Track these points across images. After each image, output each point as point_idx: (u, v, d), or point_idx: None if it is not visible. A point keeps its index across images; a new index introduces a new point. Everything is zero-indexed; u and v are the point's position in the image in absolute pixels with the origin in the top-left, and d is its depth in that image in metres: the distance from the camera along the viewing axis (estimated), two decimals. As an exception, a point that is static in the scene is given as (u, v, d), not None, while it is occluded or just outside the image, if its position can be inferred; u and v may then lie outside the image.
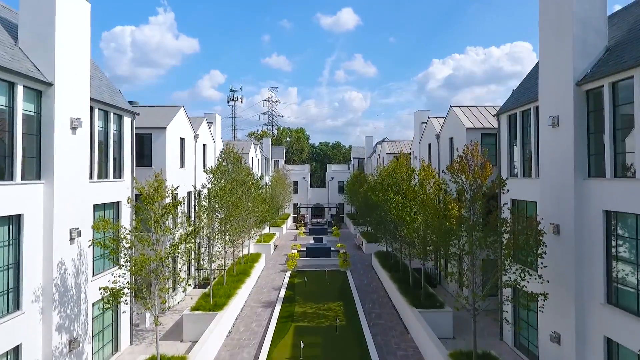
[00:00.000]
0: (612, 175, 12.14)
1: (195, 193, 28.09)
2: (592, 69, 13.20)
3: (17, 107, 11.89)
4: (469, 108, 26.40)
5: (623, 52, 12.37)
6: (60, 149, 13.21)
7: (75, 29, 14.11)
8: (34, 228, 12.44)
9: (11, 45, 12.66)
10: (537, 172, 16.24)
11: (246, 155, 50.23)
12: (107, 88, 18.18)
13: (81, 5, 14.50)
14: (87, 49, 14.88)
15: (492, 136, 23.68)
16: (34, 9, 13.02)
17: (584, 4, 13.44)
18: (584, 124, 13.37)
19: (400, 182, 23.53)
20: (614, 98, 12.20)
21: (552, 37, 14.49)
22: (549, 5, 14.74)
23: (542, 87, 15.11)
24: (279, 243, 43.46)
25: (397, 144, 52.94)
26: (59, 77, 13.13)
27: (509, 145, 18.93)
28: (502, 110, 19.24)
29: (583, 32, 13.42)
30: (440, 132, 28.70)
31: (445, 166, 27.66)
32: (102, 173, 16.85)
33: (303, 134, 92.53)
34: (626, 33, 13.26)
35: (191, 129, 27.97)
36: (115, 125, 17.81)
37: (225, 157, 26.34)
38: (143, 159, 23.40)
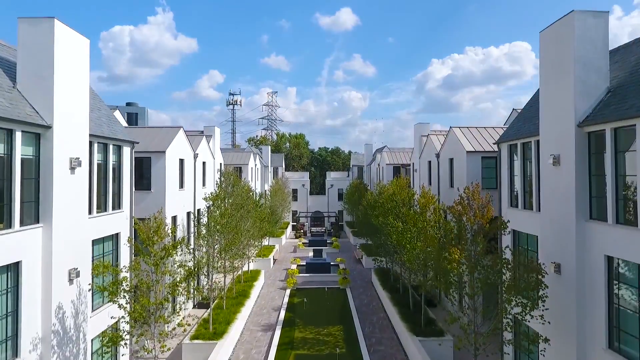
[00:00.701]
0: (614, 221, 12.09)
1: (194, 213, 28.02)
2: (594, 111, 13.14)
3: (16, 153, 11.82)
4: (469, 129, 26.34)
5: (625, 96, 12.32)
6: (59, 190, 13.12)
7: (75, 66, 14.04)
8: (33, 273, 12.36)
9: (9, 89, 12.57)
10: (538, 206, 16.17)
11: (245, 165, 50.21)
12: (106, 118, 18.11)
13: (80, 42, 14.42)
14: (86, 85, 14.80)
15: (493, 159, 23.62)
16: (32, 50, 12.93)
17: (585, 44, 13.38)
18: (585, 166, 13.31)
19: (401, 206, 23.48)
20: (616, 144, 12.15)
21: (552, 76, 14.43)
22: (549, 44, 14.68)
23: (543, 124, 15.06)
24: (279, 256, 43.39)
25: (397, 154, 52.88)
26: (57, 119, 13.05)
27: (509, 175, 18.86)
28: (503, 139, 19.19)
29: (584, 73, 13.36)
30: (440, 151, 28.66)
31: (445, 186, 27.79)
32: (101, 206, 16.77)
33: (302, 139, 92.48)
34: (628, 74, 13.21)
35: (190, 148, 27.90)
36: (114, 156, 17.74)
37: (225, 180, 26.22)
38: (142, 182, 23.32)
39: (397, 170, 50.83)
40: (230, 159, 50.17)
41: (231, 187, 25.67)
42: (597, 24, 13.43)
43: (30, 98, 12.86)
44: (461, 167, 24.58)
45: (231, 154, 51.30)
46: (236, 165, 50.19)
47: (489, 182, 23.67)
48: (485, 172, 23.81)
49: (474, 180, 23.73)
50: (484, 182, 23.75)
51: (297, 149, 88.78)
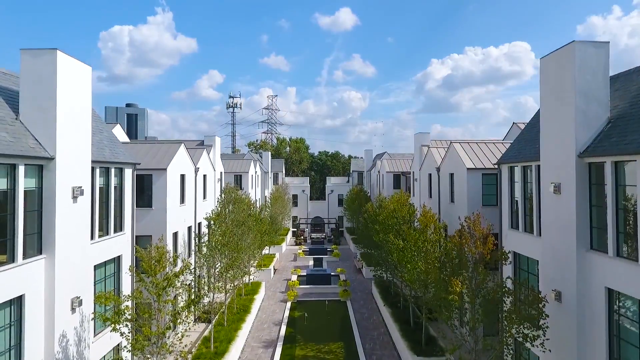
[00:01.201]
0: (614, 254, 12.14)
1: (195, 227, 28.06)
2: (594, 142, 13.20)
3: (19, 187, 11.85)
4: (469, 144, 26.39)
5: (626, 128, 12.37)
6: (62, 220, 13.16)
7: (77, 95, 14.08)
8: (35, 305, 12.40)
9: (12, 121, 12.61)
10: (538, 231, 16.22)
11: (246, 173, 50.26)
12: (108, 140, 18.15)
13: (82, 70, 14.46)
14: (89, 113, 14.84)
15: (493, 176, 23.66)
16: (35, 82, 12.97)
17: (586, 74, 13.43)
18: (586, 195, 13.37)
19: (402, 223, 23.53)
20: (617, 177, 12.21)
21: (553, 104, 14.49)
22: (549, 71, 14.74)
23: (544, 152, 15.11)
24: (279, 265, 43.42)
25: (397, 162, 52.93)
26: (60, 150, 13.09)
27: (510, 196, 18.92)
28: (504, 160, 19.24)
29: (585, 103, 13.41)
30: (441, 165, 28.70)
31: (445, 200, 27.82)
32: (103, 229, 16.81)
33: (302, 143, 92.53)
34: (629, 105, 13.26)
35: (191, 162, 27.92)
36: (116, 179, 17.77)
37: (226, 197, 26.26)
38: (143, 199, 23.32)
39: (397, 179, 50.92)
40: (230, 167, 50.22)
41: (232, 205, 25.68)
42: (597, 54, 13.49)
43: (33, 129, 12.90)
44: (461, 184, 24.62)
45: (231, 162, 51.32)
46: (236, 173, 50.30)
47: (489, 198, 23.73)
48: (486, 188, 23.84)
49: (475, 196, 23.86)
50: (484, 198, 23.83)
51: (297, 153, 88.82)
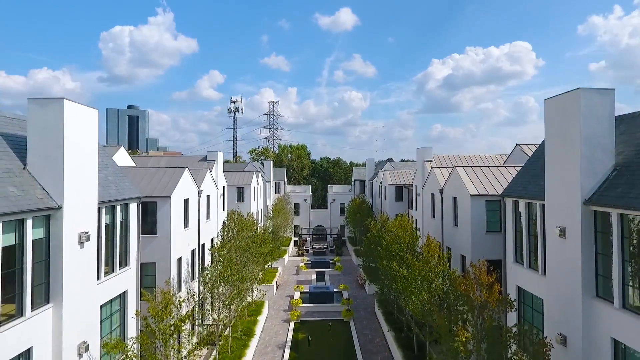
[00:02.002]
0: (620, 305, 12.16)
1: (199, 249, 28.12)
2: (600, 189, 13.21)
3: (27, 240, 11.91)
4: (472, 169, 26.38)
5: (632, 179, 12.38)
6: (69, 268, 13.22)
7: (84, 140, 14.14)
8: (43, 355, 12.45)
9: (20, 172, 12.67)
10: (543, 270, 16.24)
11: (248, 186, 50.33)
12: (114, 176, 18.20)
13: (88, 115, 14.52)
14: (95, 156, 14.90)
15: (497, 202, 23.68)
16: (42, 131, 13.03)
17: (591, 121, 13.45)
18: (591, 243, 13.39)
19: (405, 250, 23.57)
20: (623, 229, 12.22)
21: (558, 150, 14.51)
22: (554, 117, 14.76)
23: (549, 195, 15.13)
24: (282, 280, 43.45)
25: (399, 173, 52.96)
26: (67, 198, 13.15)
27: (514, 230, 18.94)
28: (508, 194, 19.26)
29: (590, 151, 13.43)
30: (444, 187, 28.73)
31: (449, 223, 27.85)
32: (109, 266, 16.87)
33: (304, 150, 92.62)
34: (634, 153, 13.27)
35: (195, 185, 27.97)
36: (121, 214, 17.83)
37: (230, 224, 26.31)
38: (147, 226, 23.33)
39: (399, 191, 50.95)
40: (232, 180, 50.31)
41: (236, 232, 25.74)
42: (602, 101, 13.51)
43: (41, 179, 12.96)
44: (465, 210, 24.65)
45: (234, 175, 51.40)
46: (239, 185, 50.39)
47: (492, 225, 23.74)
48: (490, 215, 23.85)
49: (478, 223, 23.87)
50: (488, 225, 23.85)
51: (298, 160, 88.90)
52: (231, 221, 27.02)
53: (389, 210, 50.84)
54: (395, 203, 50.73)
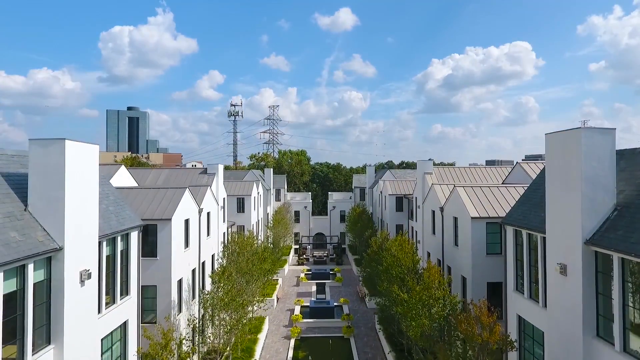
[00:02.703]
0: (621, 349, 12.16)
1: (199, 268, 28.14)
2: (601, 229, 13.21)
3: (28, 285, 11.90)
4: (472, 189, 26.36)
5: (633, 222, 12.37)
6: (70, 307, 13.21)
7: (85, 178, 14.13)
8: (45, 398, 12.45)
9: (21, 214, 12.67)
10: (544, 303, 16.23)
11: (248, 197, 50.34)
12: (114, 205, 18.19)
13: (89, 151, 14.51)
14: (96, 192, 14.89)
15: (497, 225, 23.68)
16: (43, 172, 13.02)
17: (592, 161, 13.45)
18: (592, 282, 13.39)
19: (406, 273, 23.57)
20: (624, 273, 12.23)
21: (558, 187, 14.50)
22: (555, 154, 14.76)
23: (550, 232, 15.13)
24: (282, 293, 43.42)
25: (399, 183, 52.92)
26: (68, 238, 13.14)
27: (514, 258, 18.94)
28: (508, 222, 19.25)
29: (591, 190, 13.43)
30: (445, 206, 28.72)
31: (449, 243, 27.84)
32: (110, 298, 16.87)
33: (304, 156, 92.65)
34: (635, 194, 13.26)
35: (195, 204, 27.96)
36: (122, 244, 17.83)
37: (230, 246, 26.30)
38: (148, 249, 23.34)
39: (399, 201, 50.95)
40: (233, 190, 50.33)
41: (236, 255, 25.73)
42: (603, 140, 13.51)
43: (42, 219, 12.96)
44: (465, 231, 24.64)
45: (234, 185, 51.41)
46: (239, 196, 50.41)
47: (493, 247, 23.74)
48: (490, 237, 23.83)
49: (479, 245, 23.86)
50: (488, 247, 23.84)
51: (298, 166, 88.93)
52: (232, 243, 26.98)
53: (390, 220, 50.87)
54: (395, 213, 50.73)
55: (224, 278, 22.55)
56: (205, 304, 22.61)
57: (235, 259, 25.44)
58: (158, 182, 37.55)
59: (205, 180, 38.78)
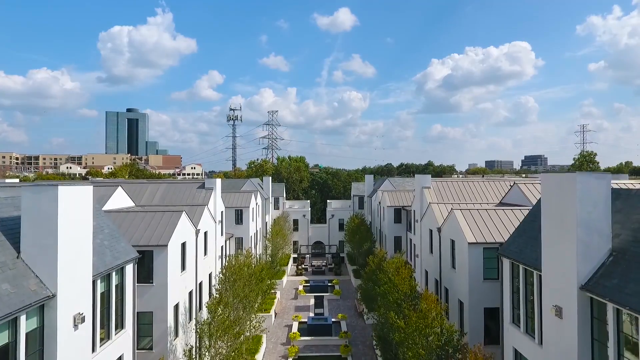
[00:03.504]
0: (616, 399, 12.12)
1: (197, 289, 28.07)
2: (596, 275, 13.16)
3: (20, 336, 11.83)
4: (470, 212, 26.31)
5: (628, 271, 12.31)
6: (63, 352, 13.14)
7: (78, 222, 14.05)
8: None
9: (13, 263, 12.60)
10: (540, 340, 16.18)
11: (247, 208, 50.29)
12: (109, 239, 18.12)
13: (83, 194, 14.44)
14: (89, 234, 14.82)
15: (494, 249, 23.67)
16: (36, 220, 12.96)
17: (587, 206, 13.40)
18: (588, 328, 13.33)
19: (403, 299, 23.52)
20: (619, 323, 12.17)
21: (554, 232, 14.45)
22: (551, 205, 14.70)
23: (545, 274, 15.08)
24: (280, 307, 43.32)
25: (398, 195, 52.82)
26: (62, 284, 13.07)
27: (511, 291, 18.89)
28: (505, 254, 19.19)
29: (587, 235, 13.38)
30: (442, 227, 28.68)
31: (447, 264, 27.79)
32: (105, 333, 16.80)
33: (303, 163, 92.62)
34: (631, 239, 13.20)
35: (191, 225, 27.87)
36: (117, 278, 17.76)
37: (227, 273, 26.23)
38: (144, 275, 23.21)
39: (398, 213, 50.91)
40: (231, 202, 50.24)
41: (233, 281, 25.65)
42: (599, 185, 13.47)
43: (35, 267, 12.89)
44: (463, 255, 24.62)
45: (232, 196, 51.31)
46: (237, 207, 50.36)
47: (490, 272, 23.73)
48: (487, 262, 23.83)
49: (476, 270, 23.81)
50: (485, 272, 23.85)
51: (297, 172, 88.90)
52: (228, 269, 26.87)
53: (388, 232, 50.85)
54: (394, 225, 50.71)
55: (220, 307, 22.48)
56: (202, 333, 22.54)
57: (231, 285, 25.36)
58: (155, 199, 37.44)
59: (202, 196, 38.73)
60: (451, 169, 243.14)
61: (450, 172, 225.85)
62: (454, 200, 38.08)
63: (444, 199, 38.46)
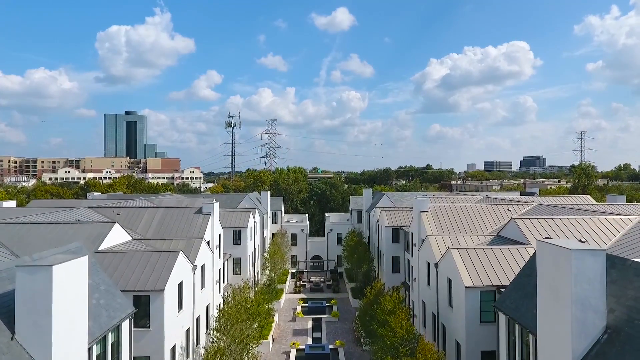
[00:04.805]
0: None
1: (193, 327, 28.05)
2: (591, 353, 13.15)
3: (14, 423, 11.82)
4: (467, 251, 26.31)
5: (623, 352, 12.32)
6: None
7: (73, 295, 14.01)
8: None
9: (7, 345, 12.55)
10: (536, 403, 16.20)
11: (245, 228, 50.21)
12: (105, 296, 18.08)
13: (78, 266, 14.40)
14: (85, 304, 14.76)
15: (492, 293, 23.74)
16: (30, 300, 12.90)
17: (583, 283, 13.38)
18: (583, 405, 13.34)
19: (400, 344, 23.55)
20: (613, 408, 12.18)
21: (549, 306, 14.42)
22: (546, 278, 14.66)
23: (541, 345, 15.06)
24: (278, 332, 43.30)
25: (396, 213, 52.78)
26: (56, 363, 13.05)
27: (507, 347, 18.91)
28: (502, 309, 19.20)
29: (581, 313, 13.36)
30: (439, 263, 28.68)
31: (444, 301, 27.79)
32: (100, 395, 16.78)
33: (301, 173, 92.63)
34: (625, 318, 13.20)
35: (188, 263, 27.84)
36: (113, 336, 17.73)
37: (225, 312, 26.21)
38: (140, 319, 23.22)
39: (396, 232, 50.90)
40: (229, 222, 50.15)
41: (230, 325, 25.63)
42: (594, 262, 13.42)
43: (29, 347, 12.84)
44: (459, 296, 24.63)
45: (230, 216, 51.20)
46: (235, 228, 50.27)
47: (487, 315, 23.75)
48: (484, 305, 23.85)
49: (473, 313, 23.84)
50: (482, 315, 23.88)
51: (296, 184, 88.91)
52: (226, 314, 26.77)
53: (386, 251, 50.82)
54: (392, 245, 50.68)
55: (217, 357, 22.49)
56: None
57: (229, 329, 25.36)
58: (152, 226, 37.29)
59: (200, 222, 38.72)
60: (450, 173, 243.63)
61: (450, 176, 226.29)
62: (451, 226, 38.12)
63: (441, 224, 38.51)
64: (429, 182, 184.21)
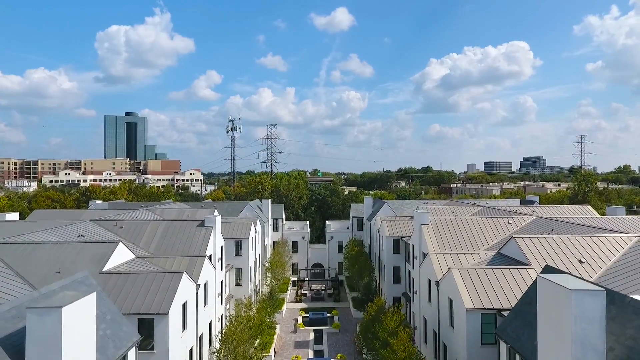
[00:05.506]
0: None
1: (196, 346, 28.29)
2: (591, 392, 13.41)
3: None
4: (468, 272, 26.54)
5: (621, 395, 12.58)
6: None
7: (82, 332, 14.26)
8: None
9: (18, 387, 12.81)
10: None
11: (246, 239, 50.42)
12: (112, 326, 18.30)
13: (86, 303, 14.64)
14: (93, 339, 15.03)
15: (493, 315, 23.97)
16: (40, 341, 13.17)
17: (583, 323, 13.64)
18: None
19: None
20: None
21: (550, 345, 14.71)
22: (547, 316, 14.92)
23: (542, 380, 15.34)
24: (279, 344, 43.52)
25: (397, 224, 52.99)
26: (65, 403, 13.29)
27: (508, 373, 19.16)
28: (503, 337, 19.44)
29: (581, 353, 13.61)
30: (441, 282, 28.91)
31: (445, 320, 28.03)
32: None
33: (302, 179, 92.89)
34: (626, 357, 13.45)
35: (191, 282, 28.06)
36: (119, 365, 17.95)
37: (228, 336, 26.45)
38: (144, 341, 23.41)
39: (396, 243, 51.12)
40: (230, 232, 50.32)
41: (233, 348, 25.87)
42: (594, 302, 13.68)
43: (39, 388, 13.10)
44: (460, 318, 24.86)
45: (231, 226, 51.35)
46: (236, 239, 50.43)
47: (488, 337, 23.96)
48: (485, 327, 24.09)
49: (474, 335, 24.07)
50: (483, 337, 24.10)
51: (296, 189, 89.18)
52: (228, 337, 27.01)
53: (387, 262, 51.00)
54: (393, 255, 50.88)
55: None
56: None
57: (232, 351, 25.60)
58: (154, 241, 37.46)
59: (202, 235, 38.93)
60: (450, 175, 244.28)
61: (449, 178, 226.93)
62: (452, 240, 38.38)
63: (442, 238, 38.77)
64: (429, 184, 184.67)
